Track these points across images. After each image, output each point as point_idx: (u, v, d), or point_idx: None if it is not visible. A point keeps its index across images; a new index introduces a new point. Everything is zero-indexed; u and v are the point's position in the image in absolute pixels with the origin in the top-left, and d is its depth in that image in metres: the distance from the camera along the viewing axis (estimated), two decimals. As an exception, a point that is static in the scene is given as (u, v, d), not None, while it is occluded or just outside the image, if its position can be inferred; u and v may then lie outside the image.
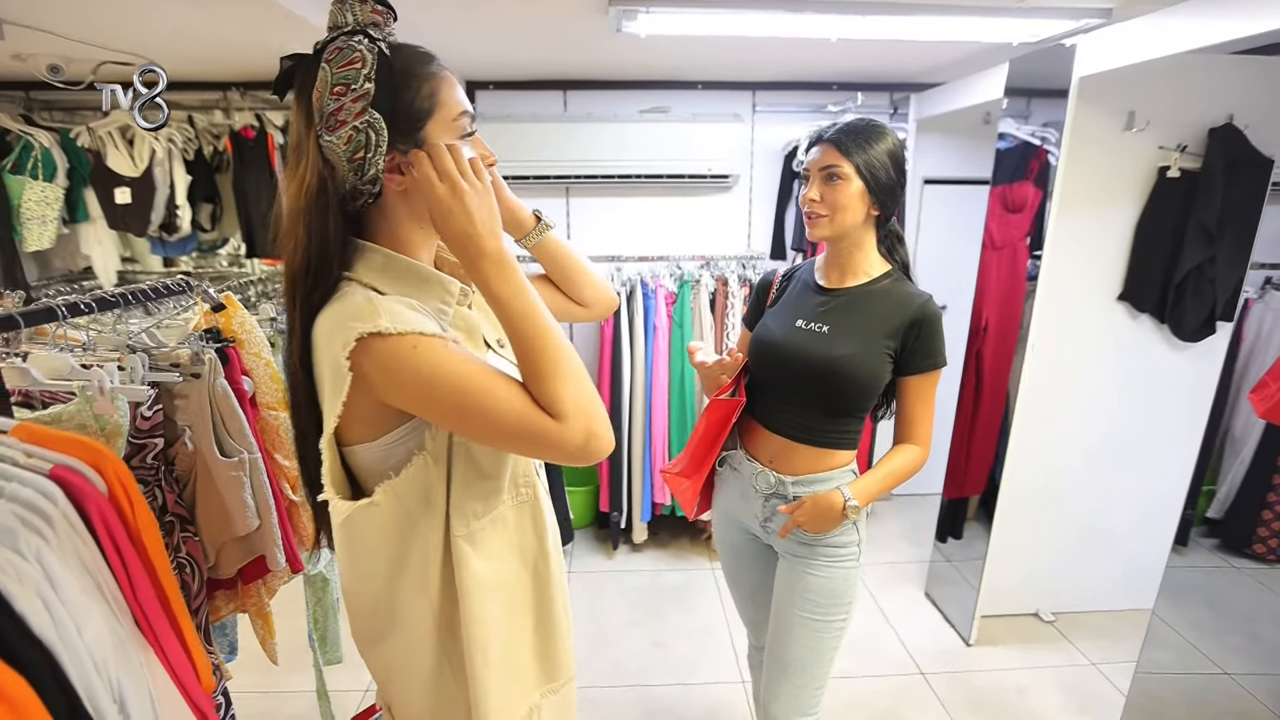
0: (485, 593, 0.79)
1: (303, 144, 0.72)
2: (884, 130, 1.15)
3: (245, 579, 1.26)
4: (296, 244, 0.72)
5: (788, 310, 1.26)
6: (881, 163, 1.13)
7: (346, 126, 0.69)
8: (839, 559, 1.21)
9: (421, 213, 0.75)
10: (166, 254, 2.72)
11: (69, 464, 0.82)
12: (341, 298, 0.72)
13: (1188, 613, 2.01)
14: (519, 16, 1.87)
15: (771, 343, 1.23)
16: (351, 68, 0.68)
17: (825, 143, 1.15)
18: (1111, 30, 1.68)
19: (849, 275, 1.22)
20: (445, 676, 0.82)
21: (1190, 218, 1.93)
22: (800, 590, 1.23)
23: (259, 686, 1.92)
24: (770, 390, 1.26)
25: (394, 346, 0.67)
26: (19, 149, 2.40)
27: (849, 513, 1.15)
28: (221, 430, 1.14)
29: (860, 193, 1.14)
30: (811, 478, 1.22)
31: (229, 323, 1.24)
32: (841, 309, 1.19)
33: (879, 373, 1.16)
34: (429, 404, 0.70)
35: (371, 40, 0.70)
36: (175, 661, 0.88)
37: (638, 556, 2.77)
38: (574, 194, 2.91)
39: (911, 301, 1.17)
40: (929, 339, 1.16)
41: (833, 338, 1.17)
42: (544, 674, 0.88)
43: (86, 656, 0.74)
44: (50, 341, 1.09)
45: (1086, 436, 2.18)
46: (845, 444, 1.23)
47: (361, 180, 0.71)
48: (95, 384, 0.96)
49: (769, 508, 1.26)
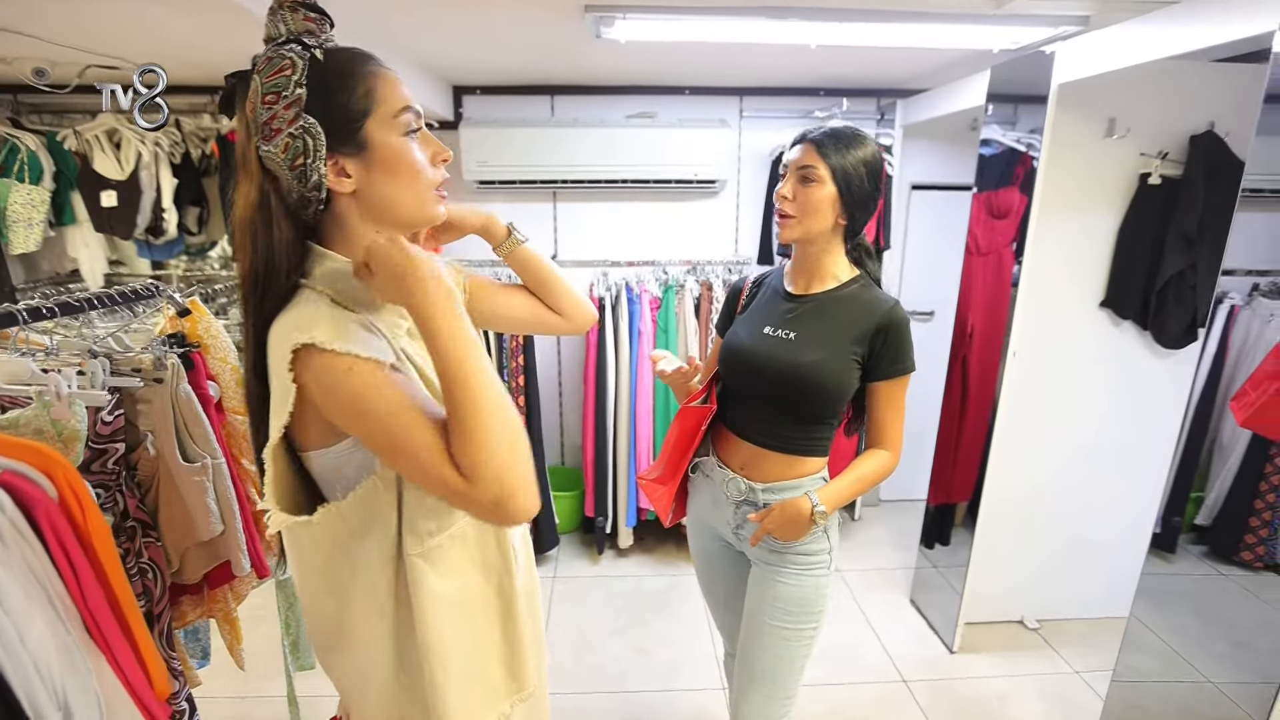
0: (445, 608, 0.78)
1: (246, 156, 0.72)
2: (866, 140, 1.15)
3: (211, 584, 1.25)
4: (244, 255, 0.72)
5: (756, 317, 1.26)
6: (857, 171, 1.13)
7: (282, 134, 0.69)
8: (809, 567, 1.21)
9: (373, 213, 0.75)
10: (154, 257, 2.72)
11: (17, 469, 0.82)
12: (294, 305, 0.72)
13: (1172, 619, 2.00)
14: (501, 23, 1.88)
15: (740, 350, 1.23)
16: (281, 75, 0.68)
17: (806, 143, 1.15)
18: (1089, 37, 1.68)
19: (816, 281, 1.21)
20: (401, 690, 0.81)
21: (1171, 225, 1.93)
22: (770, 598, 1.22)
23: (233, 691, 1.92)
24: (740, 398, 1.26)
25: (330, 364, 0.66)
26: (5, 152, 2.41)
27: (817, 518, 1.15)
28: (185, 435, 1.14)
29: (832, 198, 1.13)
30: (781, 485, 1.22)
31: (194, 327, 1.24)
32: (808, 315, 1.19)
33: (846, 379, 1.16)
34: (359, 430, 0.69)
35: (305, 47, 0.70)
36: (125, 666, 0.87)
37: (623, 562, 2.76)
38: (561, 199, 2.91)
39: (878, 307, 1.16)
40: (896, 344, 1.15)
41: (799, 344, 1.17)
42: (513, 683, 0.88)
43: (29, 662, 0.74)
44: (12, 346, 1.09)
45: (1070, 443, 2.18)
46: (815, 451, 1.23)
47: (306, 187, 0.71)
48: (52, 389, 0.95)
49: (740, 515, 1.26)
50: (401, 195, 0.74)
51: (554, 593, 2.51)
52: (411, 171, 0.74)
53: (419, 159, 0.75)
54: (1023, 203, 2.11)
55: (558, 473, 3.04)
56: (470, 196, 2.80)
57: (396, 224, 0.77)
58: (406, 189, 0.74)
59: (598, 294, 2.61)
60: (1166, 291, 1.98)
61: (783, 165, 1.19)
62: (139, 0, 1.37)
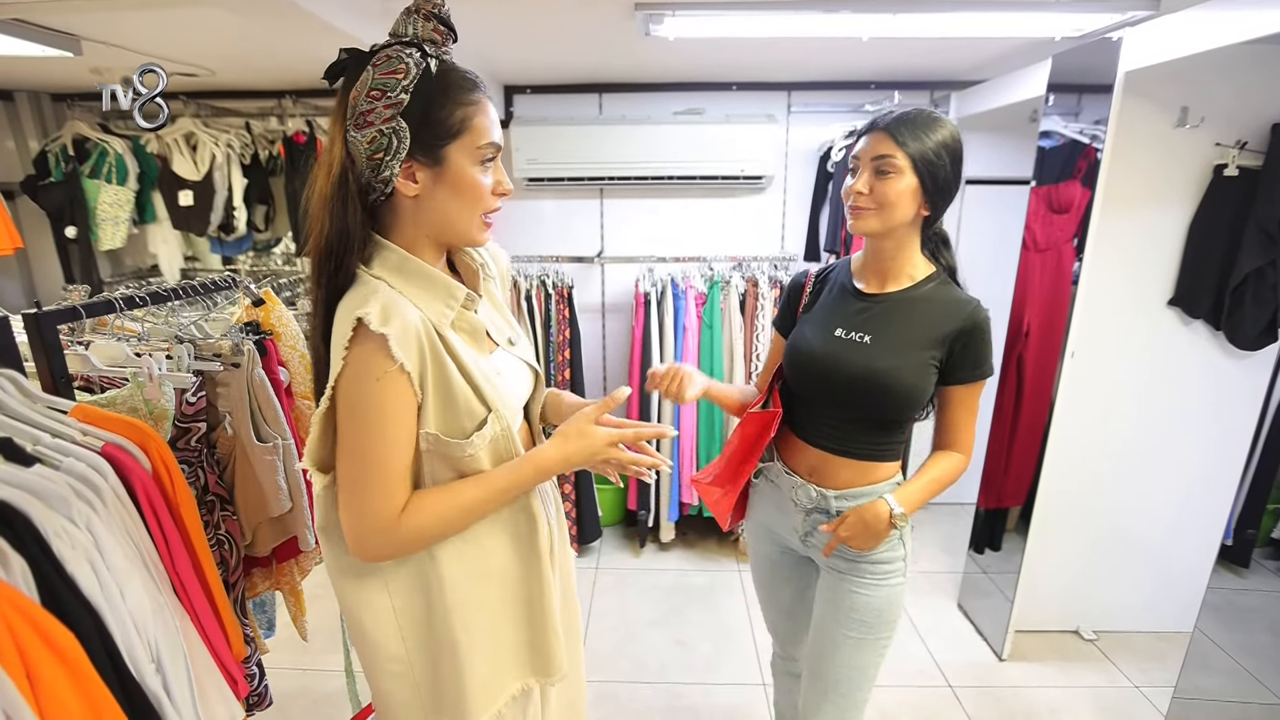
0: (469, 581, 0.84)
1: (334, 138, 0.77)
2: (943, 121, 1.05)
3: (279, 558, 1.33)
4: (321, 227, 0.78)
5: (825, 317, 1.18)
6: (939, 157, 1.03)
7: (373, 128, 0.74)
8: (885, 575, 1.15)
9: (428, 220, 0.80)
10: (224, 253, 2.89)
11: (119, 443, 0.89)
12: (357, 288, 0.78)
13: (1244, 637, 1.89)
14: (554, 23, 1.92)
15: (809, 352, 1.16)
16: (393, 76, 0.73)
17: (879, 130, 1.05)
18: (1160, 22, 1.60)
19: (891, 279, 1.13)
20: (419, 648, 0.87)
21: (1249, 219, 1.82)
22: (846, 609, 1.17)
23: (294, 664, 2.03)
24: (808, 401, 1.19)
25: (370, 354, 0.72)
26: (96, 155, 2.60)
27: (896, 521, 1.08)
28: (259, 416, 1.22)
29: (913, 189, 1.04)
30: (855, 491, 1.15)
31: (268, 317, 1.32)
32: (883, 316, 1.11)
33: (924, 385, 1.09)
34: (345, 426, 0.76)
35: (424, 55, 0.74)
36: (208, 627, 0.95)
37: (664, 555, 2.78)
38: (608, 195, 2.95)
39: (960, 309, 1.08)
40: (978, 348, 1.08)
41: (875, 348, 1.10)
42: (539, 660, 0.91)
43: (128, 618, 0.81)
44: (109, 332, 1.18)
45: (1132, 448, 2.08)
46: (888, 456, 1.17)
47: (376, 178, 0.76)
48: (145, 371, 1.04)
49: (810, 522, 1.20)
50: (456, 215, 0.80)
51: (596, 584, 2.56)
52: (473, 198, 0.80)
53: (483, 188, 0.80)
54: (1085, 197, 2.03)
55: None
56: (520, 193, 2.86)
57: (441, 237, 0.83)
58: (461, 211, 0.80)
59: (643, 289, 2.64)
60: (1243, 289, 1.87)
61: (852, 157, 1.10)
62: (213, 9, 1.46)
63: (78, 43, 1.91)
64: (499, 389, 0.84)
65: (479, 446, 0.80)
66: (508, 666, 0.89)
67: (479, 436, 0.80)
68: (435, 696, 0.87)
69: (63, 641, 0.71)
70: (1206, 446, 2.05)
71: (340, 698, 1.91)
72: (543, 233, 2.97)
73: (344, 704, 1.73)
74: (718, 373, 2.62)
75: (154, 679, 0.81)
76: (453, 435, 0.79)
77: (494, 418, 0.81)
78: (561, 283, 2.64)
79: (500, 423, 0.82)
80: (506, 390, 0.86)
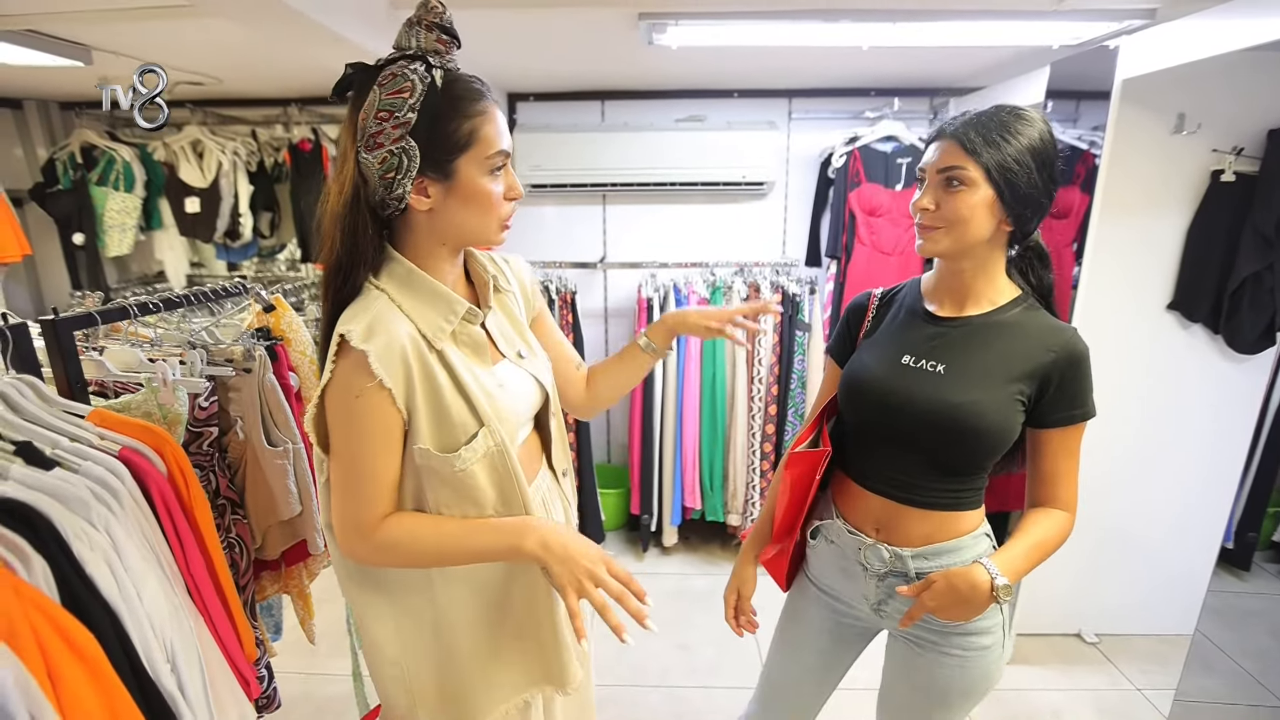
0: (473, 589, 0.87)
1: (346, 156, 0.79)
2: (1028, 120, 0.90)
3: (288, 561, 1.35)
4: (333, 243, 0.80)
5: (890, 342, 1.03)
6: (1023, 164, 0.88)
7: (383, 149, 0.76)
8: (980, 648, 0.97)
9: (442, 229, 0.82)
10: (230, 259, 2.91)
11: (135, 447, 0.91)
12: (359, 299, 0.80)
13: (1246, 641, 1.90)
14: (559, 33, 1.95)
15: (870, 382, 1.00)
16: (399, 96, 0.75)
17: (947, 139, 0.91)
18: (1156, 31, 1.63)
19: (969, 302, 0.98)
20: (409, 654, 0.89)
21: (1246, 224, 1.85)
22: (924, 687, 1.02)
23: (301, 668, 2.04)
24: (869, 441, 1.03)
25: (351, 370, 0.75)
26: (103, 162, 2.62)
27: (999, 595, 0.86)
28: (269, 421, 1.23)
29: (989, 202, 0.90)
30: (936, 549, 0.98)
31: (278, 322, 1.34)
32: (960, 343, 0.96)
33: (1010, 423, 0.92)
34: (333, 434, 0.79)
35: (428, 68, 0.76)
36: (221, 628, 0.96)
37: (667, 559, 2.79)
38: (610, 201, 2.97)
39: (1053, 337, 0.93)
40: (1076, 383, 0.93)
41: (951, 379, 0.94)
42: (551, 674, 0.92)
43: (145, 619, 0.82)
44: (123, 337, 1.20)
45: (1133, 451, 2.09)
46: (968, 504, 0.99)
47: (389, 195, 0.78)
48: (159, 376, 1.06)
49: (885, 588, 1.02)
50: (470, 223, 0.82)
51: (599, 587, 2.56)
52: (486, 206, 0.81)
53: (495, 197, 0.81)
54: (1084, 202, 2.05)
55: (604, 470, 3.09)
56: (524, 199, 2.87)
57: (459, 244, 0.85)
58: (475, 219, 0.82)
59: (646, 295, 2.66)
60: (1241, 293, 1.89)
61: (919, 169, 0.97)
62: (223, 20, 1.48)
63: (88, 52, 1.94)
64: (499, 402, 0.84)
65: (469, 461, 0.80)
66: (512, 676, 0.90)
67: (468, 450, 0.80)
68: (434, 702, 0.88)
69: (82, 641, 0.72)
70: (1206, 449, 2.06)
71: (345, 702, 1.92)
72: (546, 239, 3.00)
73: (349, 709, 1.74)
74: (719, 378, 2.63)
75: (169, 679, 0.83)
76: (446, 450, 0.80)
77: (485, 433, 0.81)
78: (565, 288, 2.66)
79: (493, 438, 0.82)
80: (508, 403, 0.86)
